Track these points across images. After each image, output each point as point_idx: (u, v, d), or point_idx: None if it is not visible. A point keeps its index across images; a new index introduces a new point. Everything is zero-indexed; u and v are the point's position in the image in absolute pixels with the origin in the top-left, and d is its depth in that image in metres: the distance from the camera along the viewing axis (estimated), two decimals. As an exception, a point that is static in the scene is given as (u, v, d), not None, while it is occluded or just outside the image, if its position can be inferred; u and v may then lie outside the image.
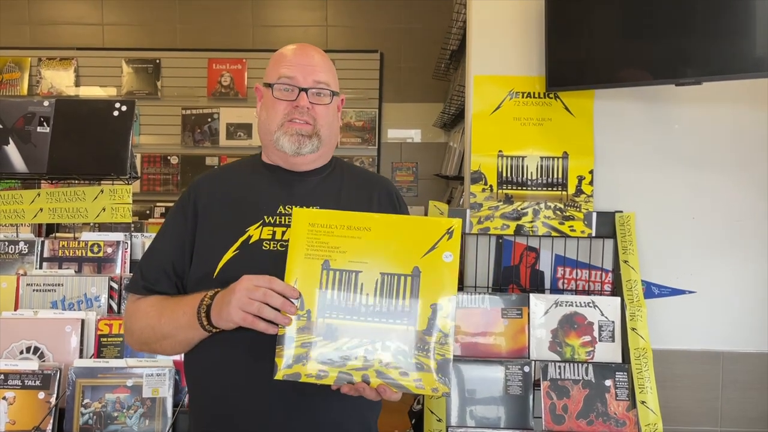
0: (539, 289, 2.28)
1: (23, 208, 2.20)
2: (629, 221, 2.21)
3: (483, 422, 2.05)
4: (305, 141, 1.41)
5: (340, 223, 1.26)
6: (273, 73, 1.44)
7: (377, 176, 1.61)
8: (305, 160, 1.44)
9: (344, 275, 1.24)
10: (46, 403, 1.72)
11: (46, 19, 5.57)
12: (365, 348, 1.22)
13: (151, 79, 5.39)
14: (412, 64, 5.36)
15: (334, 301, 1.23)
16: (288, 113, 1.41)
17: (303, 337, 1.22)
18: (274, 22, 5.56)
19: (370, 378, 1.21)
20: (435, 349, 1.22)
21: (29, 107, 2.25)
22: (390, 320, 1.23)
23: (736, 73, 1.97)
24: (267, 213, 1.40)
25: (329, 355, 1.21)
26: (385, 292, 1.24)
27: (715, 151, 2.29)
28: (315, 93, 1.42)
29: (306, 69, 1.42)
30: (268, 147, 1.47)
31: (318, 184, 1.47)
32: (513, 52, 2.31)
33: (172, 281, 1.41)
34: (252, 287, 1.22)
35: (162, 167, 5.35)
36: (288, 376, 1.21)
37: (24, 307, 1.99)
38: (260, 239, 1.37)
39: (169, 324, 1.34)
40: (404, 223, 1.29)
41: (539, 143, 2.27)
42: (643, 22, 2.05)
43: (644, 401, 2.02)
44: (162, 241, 1.45)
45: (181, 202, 1.46)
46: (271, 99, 1.43)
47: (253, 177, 1.48)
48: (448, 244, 1.25)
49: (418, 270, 1.24)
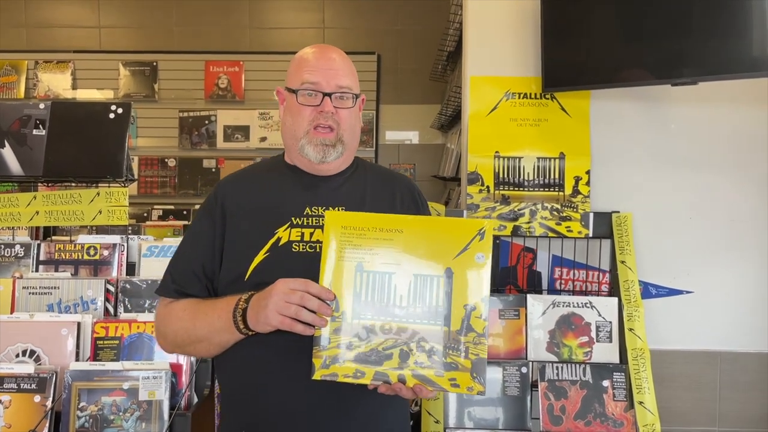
0: (536, 289, 2.28)
1: (19, 210, 2.19)
2: (626, 221, 2.21)
3: (481, 423, 2.05)
4: (329, 150, 1.43)
5: (372, 225, 1.28)
6: (296, 79, 1.45)
7: (399, 174, 1.63)
8: (330, 167, 1.46)
9: (377, 277, 1.26)
10: (42, 407, 1.71)
11: (42, 21, 5.56)
12: (400, 348, 1.24)
13: (148, 81, 5.38)
14: (409, 66, 5.36)
15: (369, 303, 1.25)
16: (313, 119, 1.43)
17: (339, 338, 1.24)
18: (271, 24, 5.56)
19: (406, 378, 1.23)
20: (469, 349, 1.23)
21: (25, 110, 2.25)
22: (424, 321, 1.25)
23: (731, 73, 1.97)
24: (294, 215, 1.41)
25: (365, 356, 1.24)
26: (419, 293, 1.26)
27: (712, 151, 2.29)
28: (338, 97, 1.44)
29: (329, 73, 1.43)
30: (292, 151, 1.49)
31: (342, 185, 1.49)
32: (509, 53, 2.31)
33: (203, 283, 1.42)
34: (288, 291, 1.24)
35: (159, 170, 5.35)
36: (325, 376, 1.24)
37: (20, 310, 1.98)
38: (289, 241, 1.39)
39: (204, 327, 1.36)
40: (436, 224, 1.32)
41: (536, 144, 2.27)
42: (639, 22, 2.05)
43: (642, 402, 2.02)
44: (191, 244, 1.46)
45: (207, 205, 1.48)
46: (296, 105, 1.44)
47: (278, 179, 1.49)
48: (480, 245, 1.26)
49: (450, 271, 1.26)
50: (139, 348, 1.83)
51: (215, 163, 5.32)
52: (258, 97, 5.36)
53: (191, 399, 1.81)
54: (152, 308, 1.97)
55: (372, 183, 1.51)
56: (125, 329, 1.84)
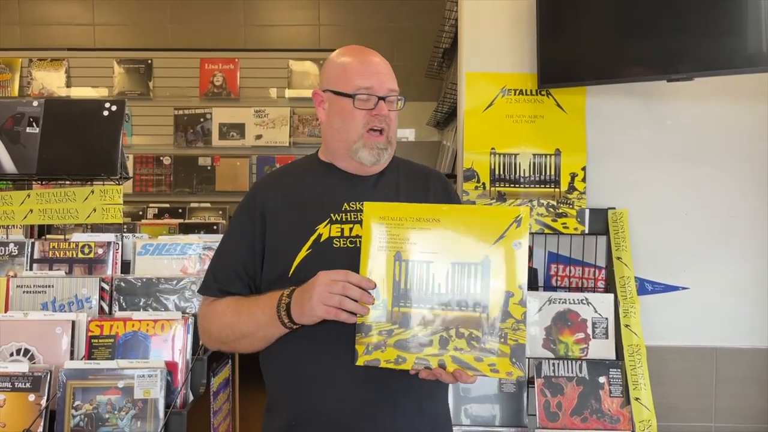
0: (533, 286, 2.27)
1: (13, 209, 2.18)
2: (622, 218, 2.21)
3: (478, 420, 2.05)
4: (383, 153, 1.47)
5: (409, 215, 1.30)
6: (347, 83, 1.47)
7: (430, 169, 1.68)
8: (379, 168, 1.50)
9: (416, 266, 1.29)
10: (37, 406, 1.70)
11: (36, 19, 5.53)
12: (440, 335, 1.27)
13: (143, 79, 5.36)
14: (404, 63, 5.32)
15: (408, 291, 1.29)
16: (366, 122, 1.46)
17: (380, 325, 1.28)
18: (266, 22, 5.54)
19: (446, 363, 1.26)
20: (508, 335, 1.26)
21: (18, 108, 2.23)
22: (463, 308, 1.27)
23: (727, 68, 1.97)
24: (333, 211, 1.44)
25: (406, 342, 1.27)
26: (457, 281, 1.28)
27: (708, 147, 2.29)
28: (389, 101, 1.48)
29: (380, 77, 1.48)
30: (338, 153, 1.50)
31: (378, 180, 1.52)
32: (505, 50, 2.31)
33: (245, 282, 1.46)
34: (330, 281, 1.28)
35: (155, 168, 5.33)
36: (368, 362, 1.28)
37: (14, 308, 1.97)
38: (330, 237, 1.42)
39: (248, 323, 1.40)
40: (473, 212, 1.35)
41: (532, 140, 2.27)
42: (634, 18, 2.05)
43: (638, 398, 2.02)
44: (231, 244, 1.51)
45: (246, 205, 1.51)
46: (350, 109, 1.47)
47: (315, 176, 1.53)
48: (517, 232, 1.28)
49: (488, 259, 1.28)
50: (134, 346, 1.82)
51: (210, 161, 5.30)
52: (253, 95, 5.35)
53: (187, 397, 1.81)
54: (147, 306, 1.97)
55: (405, 177, 1.55)
56: (120, 328, 1.84)
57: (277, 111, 5.24)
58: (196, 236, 2.25)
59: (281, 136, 5.25)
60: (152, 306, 1.96)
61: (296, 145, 5.25)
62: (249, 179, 5.24)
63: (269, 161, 5.24)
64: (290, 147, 5.24)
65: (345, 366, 1.32)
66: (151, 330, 1.83)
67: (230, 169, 5.28)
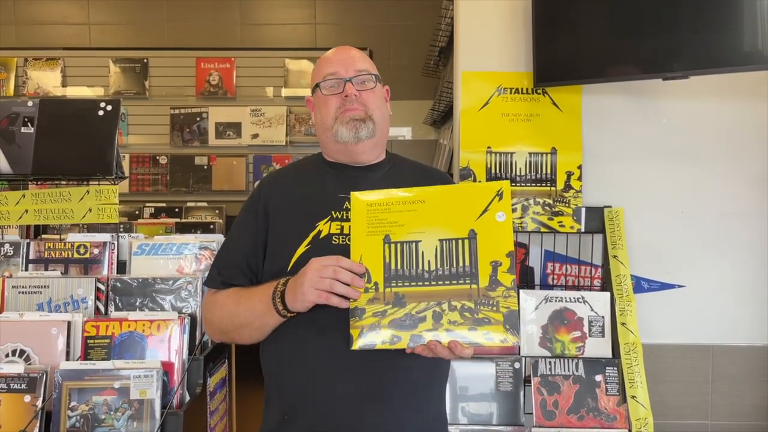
0: (529, 285, 2.28)
1: (8, 209, 2.17)
2: (618, 216, 2.21)
3: (474, 419, 2.05)
4: (361, 125, 1.48)
5: (395, 199, 1.35)
6: (318, 74, 1.54)
7: (434, 169, 1.70)
8: (365, 147, 1.51)
9: (405, 246, 1.33)
10: (33, 407, 1.70)
11: (31, 18, 5.52)
12: (433, 310, 1.29)
13: (139, 78, 5.35)
14: (401, 62, 5.35)
15: (399, 271, 1.32)
16: (339, 105, 1.49)
17: (373, 307, 1.30)
18: (262, 21, 5.53)
19: (441, 336, 1.28)
20: (500, 303, 1.28)
21: (13, 107, 2.22)
22: (453, 281, 1.30)
23: (723, 67, 1.97)
24: (334, 208, 1.48)
25: (400, 321, 1.30)
26: (446, 256, 1.32)
27: (703, 146, 2.30)
28: (359, 81, 1.50)
29: (346, 61, 1.51)
30: (327, 144, 1.55)
31: (380, 179, 1.53)
32: (501, 48, 2.31)
33: (247, 276, 1.50)
34: (321, 267, 1.31)
35: (151, 167, 5.31)
36: (363, 345, 1.30)
37: (9, 309, 1.96)
38: (329, 234, 1.45)
39: (246, 312, 1.43)
40: (456, 191, 1.39)
41: (528, 139, 2.27)
42: (630, 16, 2.05)
43: (635, 396, 2.02)
44: (236, 239, 1.55)
45: (251, 201, 1.56)
46: (322, 97, 1.52)
47: (318, 175, 1.56)
48: (500, 204, 1.32)
49: (474, 232, 1.32)
50: (130, 347, 1.82)
51: (207, 161, 5.29)
52: (250, 94, 5.33)
53: (183, 397, 1.80)
54: (143, 307, 1.96)
55: (408, 177, 1.56)
56: (116, 328, 1.83)
57: (273, 110, 5.23)
58: (193, 236, 2.24)
59: (278, 135, 5.24)
60: (148, 306, 1.96)
61: (293, 144, 5.24)
62: (246, 178, 5.23)
63: (266, 160, 5.23)
64: (287, 146, 5.23)
65: (337, 358, 1.35)
66: (147, 330, 1.82)
67: (227, 168, 5.27)
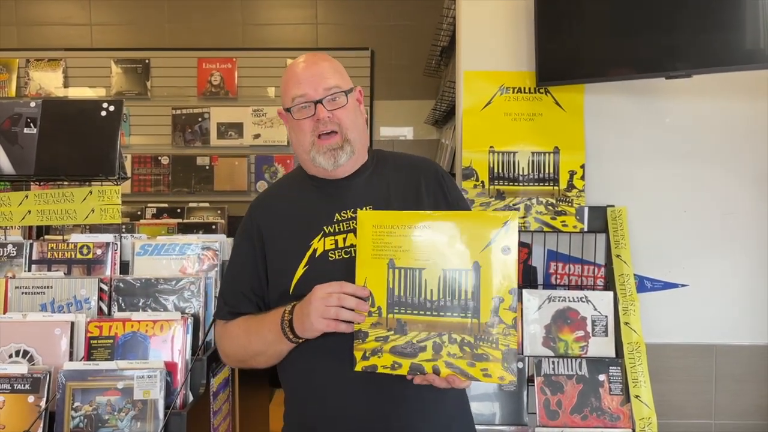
0: (532, 284, 2.27)
1: (11, 210, 2.17)
2: (621, 215, 2.21)
3: (478, 419, 2.04)
4: (339, 153, 1.46)
5: (401, 223, 1.33)
6: (287, 97, 1.49)
7: (421, 160, 1.61)
8: (345, 169, 1.50)
9: (408, 273, 1.32)
10: (36, 407, 1.70)
11: (33, 19, 5.52)
12: (433, 341, 1.29)
13: (141, 79, 5.35)
14: (402, 62, 5.34)
15: (402, 298, 1.31)
16: (313, 129, 1.46)
17: (376, 332, 1.31)
18: (263, 21, 5.53)
19: (440, 368, 1.29)
20: (500, 340, 1.28)
21: (15, 108, 2.22)
22: (455, 314, 1.29)
23: (726, 65, 1.97)
24: (325, 224, 1.46)
25: (401, 348, 1.30)
26: (448, 287, 1.30)
27: (707, 144, 2.29)
28: (330, 100, 1.46)
29: (314, 80, 1.46)
30: (306, 163, 1.53)
31: (365, 184, 1.51)
32: (503, 48, 2.30)
33: (254, 302, 1.50)
34: (325, 295, 1.31)
35: (153, 168, 5.32)
36: (366, 367, 1.32)
37: (13, 310, 1.96)
38: (325, 250, 1.44)
39: (258, 342, 1.45)
40: (462, 219, 1.36)
41: (530, 138, 2.27)
42: (632, 15, 2.05)
43: (638, 395, 2.02)
44: (237, 267, 1.55)
45: (244, 228, 1.55)
46: (294, 122, 1.48)
47: (303, 192, 1.54)
48: (506, 237, 1.30)
49: (477, 264, 1.30)
50: (134, 347, 1.82)
51: (209, 161, 5.29)
52: (251, 94, 5.33)
53: (186, 398, 1.80)
54: (146, 307, 1.96)
55: (394, 176, 1.53)
56: (119, 328, 1.83)
57: (275, 110, 5.22)
58: (195, 236, 2.24)
59: (279, 135, 5.24)
60: (151, 306, 1.96)
61: (294, 144, 5.24)
62: (247, 178, 5.24)
63: (267, 160, 5.24)
64: (288, 146, 5.22)
65: (350, 376, 1.35)
66: (150, 330, 1.82)
67: (228, 168, 5.27)
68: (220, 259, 2.06)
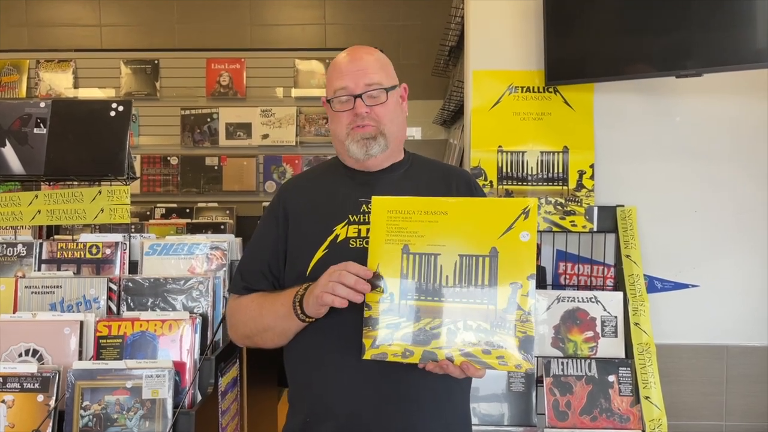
0: (541, 284, 2.26)
1: (21, 210, 2.19)
2: (631, 215, 2.20)
3: (486, 419, 2.04)
4: (371, 143, 1.48)
5: (417, 208, 1.31)
6: (330, 88, 1.52)
7: (454, 167, 1.67)
8: (377, 161, 1.51)
9: (423, 258, 1.29)
10: (46, 406, 1.70)
11: (43, 20, 5.55)
12: (448, 327, 1.26)
13: (150, 79, 5.37)
14: (410, 61, 5.34)
15: (416, 284, 1.29)
16: (350, 122, 1.48)
17: (387, 318, 1.28)
18: (272, 21, 5.54)
19: (454, 356, 1.25)
20: (516, 327, 1.25)
21: (26, 108, 2.23)
22: (470, 300, 1.26)
23: (736, 64, 1.95)
24: (351, 212, 1.48)
25: (414, 335, 1.27)
26: (464, 273, 1.28)
27: (717, 143, 2.28)
28: (369, 96, 1.47)
29: (357, 75, 1.47)
30: (342, 154, 1.55)
31: (398, 181, 1.53)
32: (512, 47, 2.29)
33: (270, 281, 1.53)
34: (332, 271, 1.32)
35: (162, 168, 5.34)
36: (375, 356, 1.28)
37: (22, 309, 1.97)
38: (347, 237, 1.46)
39: (269, 315, 1.46)
40: (480, 205, 1.34)
41: (539, 138, 2.26)
42: (642, 13, 2.03)
43: (648, 396, 2.01)
44: (257, 245, 1.57)
45: (271, 208, 1.58)
46: (333, 113, 1.51)
47: (335, 179, 1.56)
48: (525, 223, 1.28)
49: (495, 250, 1.27)
50: (142, 346, 1.82)
51: (217, 161, 5.31)
52: (260, 94, 5.34)
53: (195, 397, 1.80)
54: (155, 306, 1.97)
55: (427, 177, 1.55)
56: (128, 328, 1.84)
57: (283, 110, 5.24)
58: (204, 236, 2.25)
59: (288, 135, 5.25)
60: (160, 306, 1.96)
61: (303, 145, 5.25)
62: (256, 179, 5.25)
63: (276, 161, 5.24)
64: (297, 146, 5.24)
65: (358, 364, 1.34)
66: (159, 330, 1.83)
67: (237, 168, 5.28)
68: (228, 259, 2.07)
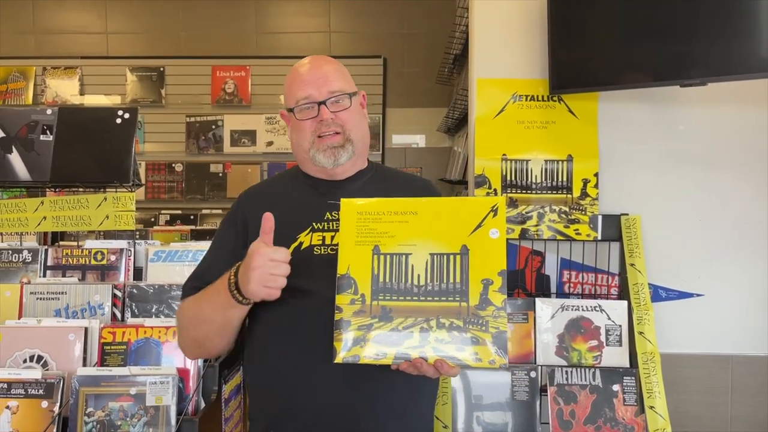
0: (545, 293, 2.26)
1: (27, 216, 2.20)
2: (635, 224, 2.19)
3: (489, 428, 2.03)
4: (340, 152, 1.47)
5: (387, 209, 1.32)
6: (291, 98, 1.50)
7: (418, 177, 1.67)
8: (344, 169, 1.51)
9: (394, 258, 1.29)
10: (50, 412, 1.71)
11: (50, 28, 5.59)
12: (420, 326, 1.26)
13: (156, 86, 5.40)
14: (415, 69, 5.36)
15: (387, 284, 1.28)
16: (315, 129, 1.47)
17: (359, 320, 1.27)
18: (277, 29, 5.57)
19: (428, 355, 1.25)
20: (489, 323, 1.25)
21: (32, 115, 2.25)
22: (443, 298, 1.27)
23: (741, 73, 1.95)
24: (315, 220, 1.46)
25: (386, 336, 1.26)
26: (436, 271, 1.28)
27: (721, 152, 2.27)
28: (333, 102, 1.47)
29: (319, 82, 1.48)
30: (305, 163, 1.54)
31: (361, 189, 1.51)
32: (516, 55, 2.30)
33: None
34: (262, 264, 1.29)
35: (167, 175, 5.36)
36: (347, 359, 1.26)
37: (27, 315, 1.98)
38: (311, 245, 1.44)
39: (208, 307, 1.40)
40: (450, 204, 1.34)
41: (543, 146, 2.26)
42: (646, 23, 2.04)
43: (653, 406, 2.00)
44: (213, 252, 1.54)
45: (230, 215, 1.55)
46: (296, 122, 1.49)
47: (298, 187, 1.54)
48: (494, 221, 1.29)
49: (466, 248, 1.28)
50: (147, 353, 1.83)
51: (222, 168, 5.33)
52: (265, 102, 5.37)
53: (198, 404, 1.81)
54: (159, 313, 1.97)
55: (390, 187, 1.54)
56: (132, 334, 1.84)
57: (288, 118, 5.26)
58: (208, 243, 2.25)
59: (292, 142, 5.26)
60: (164, 313, 1.97)
61: (307, 152, 5.26)
62: (260, 186, 5.26)
63: (280, 168, 5.26)
64: (301, 153, 5.25)
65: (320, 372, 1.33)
66: (163, 337, 1.83)
67: (242, 175, 5.30)
68: (232, 265, 2.07)
